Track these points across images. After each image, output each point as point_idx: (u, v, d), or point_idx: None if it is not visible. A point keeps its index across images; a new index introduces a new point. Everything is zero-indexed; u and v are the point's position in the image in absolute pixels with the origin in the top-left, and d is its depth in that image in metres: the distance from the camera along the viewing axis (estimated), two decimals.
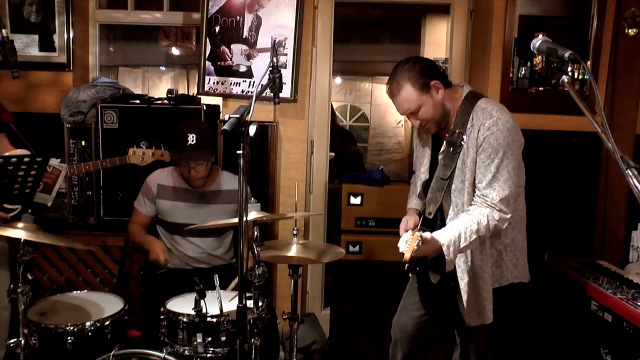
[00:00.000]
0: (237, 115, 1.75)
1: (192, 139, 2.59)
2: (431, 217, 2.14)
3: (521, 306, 2.37)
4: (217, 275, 2.21)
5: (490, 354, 2.21)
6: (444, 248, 1.91)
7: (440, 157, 2.10)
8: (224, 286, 2.18)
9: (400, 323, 2.40)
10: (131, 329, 2.67)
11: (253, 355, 1.97)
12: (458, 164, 2.03)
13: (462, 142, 2.02)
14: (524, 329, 2.85)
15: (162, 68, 5.58)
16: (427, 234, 1.91)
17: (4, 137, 2.71)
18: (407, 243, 1.85)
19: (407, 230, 2.15)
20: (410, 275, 2.36)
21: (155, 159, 2.72)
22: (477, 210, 1.96)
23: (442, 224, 2.10)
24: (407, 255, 1.80)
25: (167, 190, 2.77)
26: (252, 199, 2.11)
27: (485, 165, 1.96)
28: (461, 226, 1.93)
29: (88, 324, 2.18)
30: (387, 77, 2.09)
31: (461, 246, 1.93)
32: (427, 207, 2.16)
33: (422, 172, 2.22)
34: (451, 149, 2.05)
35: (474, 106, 2.03)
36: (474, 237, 1.92)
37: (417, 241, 1.82)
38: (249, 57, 3.20)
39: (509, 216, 1.97)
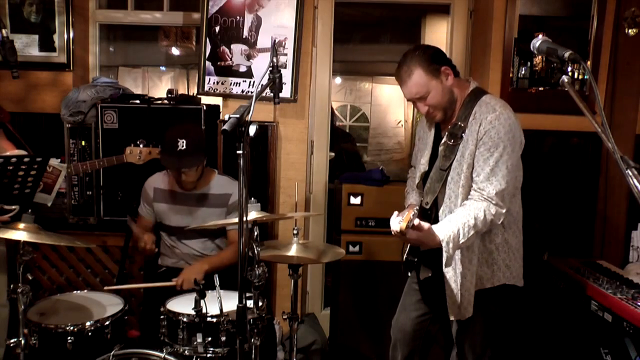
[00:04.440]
0: (237, 115, 1.75)
1: (182, 144, 2.53)
2: (428, 207, 2.15)
3: (519, 307, 2.37)
4: (217, 276, 2.21)
5: (488, 353, 2.21)
6: (444, 244, 1.91)
7: (440, 148, 2.11)
8: (223, 286, 2.18)
9: (399, 324, 2.40)
10: (131, 329, 2.67)
11: (253, 355, 1.97)
12: (457, 156, 2.05)
13: (462, 134, 2.03)
14: (524, 329, 2.85)
15: (162, 68, 5.58)
16: (425, 224, 1.91)
17: (1, 135, 2.71)
18: (401, 217, 1.85)
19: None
20: (409, 274, 2.36)
21: (153, 157, 2.73)
22: (473, 205, 1.97)
23: (437, 215, 2.12)
24: (403, 225, 1.79)
25: (163, 193, 2.78)
26: (252, 199, 2.11)
27: (484, 159, 1.98)
28: (459, 222, 1.93)
29: (88, 324, 2.18)
30: (387, 77, 2.10)
31: (460, 242, 1.93)
32: (424, 197, 2.17)
33: (421, 164, 2.23)
34: (451, 140, 2.06)
35: (478, 100, 2.05)
36: (472, 232, 1.92)
37: (413, 212, 1.81)
38: (249, 57, 3.20)
39: (504, 210, 1.99)
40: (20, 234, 2.01)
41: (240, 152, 1.74)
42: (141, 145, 2.73)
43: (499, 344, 2.36)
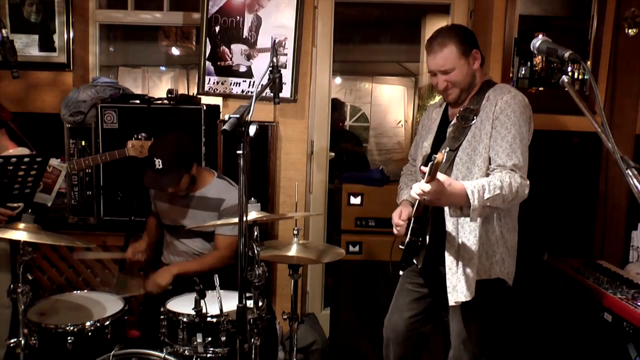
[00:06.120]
0: (237, 115, 1.75)
1: (158, 163, 2.49)
2: None
3: (517, 307, 2.37)
4: (217, 275, 2.21)
5: (485, 353, 2.21)
6: (469, 192, 1.85)
7: (449, 129, 2.14)
8: (223, 286, 2.18)
9: (392, 324, 2.40)
10: (131, 329, 2.67)
11: (253, 355, 1.97)
12: (468, 137, 2.07)
13: (474, 117, 2.07)
14: (523, 329, 2.85)
15: (162, 68, 5.58)
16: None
17: (3, 133, 2.71)
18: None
19: (402, 220, 2.18)
20: (400, 272, 2.35)
21: None
22: (497, 173, 1.97)
23: None
24: (440, 156, 1.70)
25: (161, 192, 2.77)
26: (252, 199, 2.11)
27: (502, 137, 2.01)
28: (484, 180, 1.92)
29: (88, 324, 2.18)
30: (387, 77, 2.11)
31: (485, 197, 1.87)
32: None
33: (424, 147, 2.25)
34: (462, 122, 2.10)
35: (490, 87, 2.13)
36: (497, 191, 1.88)
37: (444, 152, 1.76)
38: (249, 57, 3.20)
39: (528, 182, 2.00)
40: (20, 234, 2.01)
41: (240, 152, 1.75)
42: (142, 139, 2.74)
43: (497, 344, 2.35)
